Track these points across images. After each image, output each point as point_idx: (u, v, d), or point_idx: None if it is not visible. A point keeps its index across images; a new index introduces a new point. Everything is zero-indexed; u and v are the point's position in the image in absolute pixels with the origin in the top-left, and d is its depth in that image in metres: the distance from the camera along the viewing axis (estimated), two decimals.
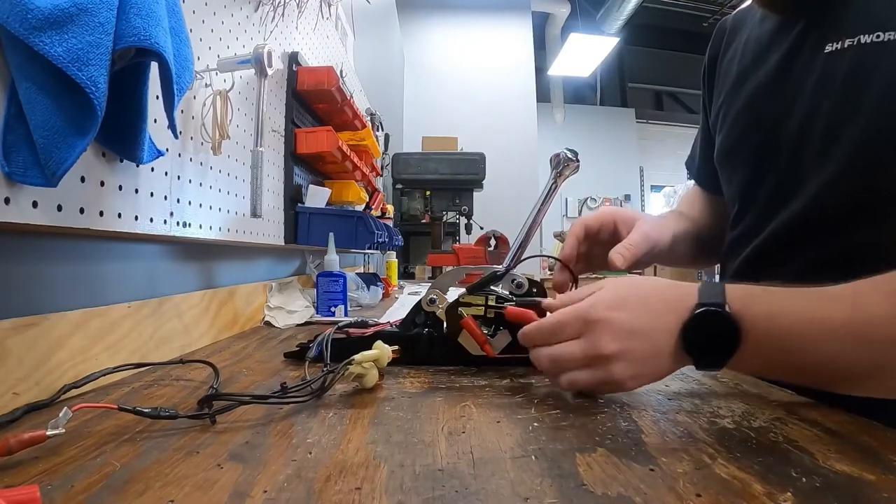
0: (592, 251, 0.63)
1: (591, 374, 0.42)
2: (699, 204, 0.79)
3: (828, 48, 0.52)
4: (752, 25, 0.66)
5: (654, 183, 6.43)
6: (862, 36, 0.49)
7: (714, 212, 0.76)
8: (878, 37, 0.48)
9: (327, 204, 1.20)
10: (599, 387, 0.43)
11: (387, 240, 1.40)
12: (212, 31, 0.74)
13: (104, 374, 0.47)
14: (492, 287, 0.55)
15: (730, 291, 0.40)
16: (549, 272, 4.33)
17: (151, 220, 0.58)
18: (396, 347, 0.51)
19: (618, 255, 0.57)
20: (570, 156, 0.62)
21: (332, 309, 0.97)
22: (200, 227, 0.71)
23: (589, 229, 0.62)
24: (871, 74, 0.48)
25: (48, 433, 0.31)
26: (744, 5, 0.71)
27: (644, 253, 0.60)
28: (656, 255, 0.64)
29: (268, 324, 0.91)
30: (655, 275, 2.78)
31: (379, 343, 0.50)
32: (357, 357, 0.46)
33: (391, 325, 0.59)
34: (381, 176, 2.12)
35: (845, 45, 0.50)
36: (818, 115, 0.53)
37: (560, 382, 0.44)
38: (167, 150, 0.59)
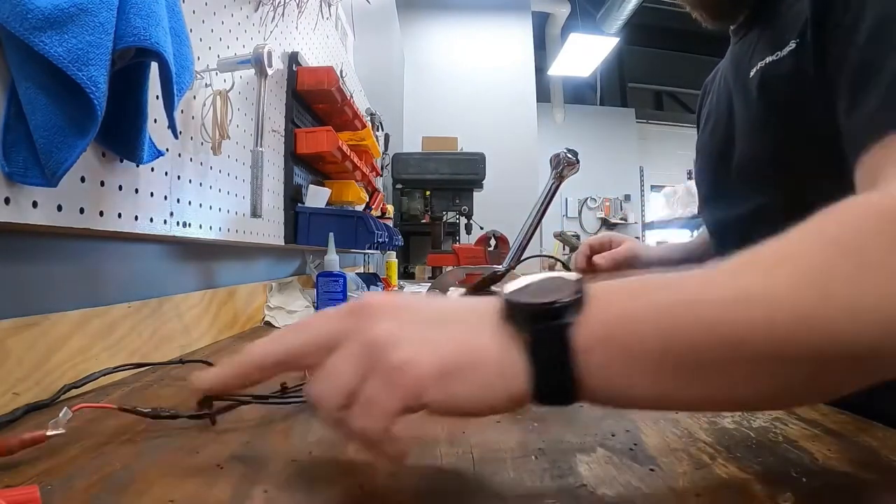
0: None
1: (373, 384, 0.24)
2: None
3: (751, 73, 0.54)
4: (722, 67, 0.70)
5: (654, 183, 6.43)
6: (768, 56, 0.51)
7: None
8: (775, 56, 0.50)
9: (327, 204, 1.20)
10: (390, 395, 0.24)
11: (387, 240, 1.40)
12: (212, 31, 0.74)
13: (104, 374, 0.47)
14: (492, 287, 0.55)
15: None
16: (549, 272, 4.32)
17: (151, 220, 0.58)
18: None
19: (600, 257, 0.68)
20: (570, 156, 0.62)
21: None
22: (200, 227, 0.71)
23: (592, 247, 0.75)
24: (773, 93, 0.51)
25: (48, 433, 0.31)
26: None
27: (624, 258, 0.70)
28: (637, 264, 0.74)
29: (268, 324, 0.91)
30: None
31: None
32: None
33: None
34: (381, 176, 2.11)
35: (758, 68, 0.52)
36: (741, 140, 0.57)
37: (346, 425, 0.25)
38: (167, 150, 0.59)
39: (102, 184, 0.50)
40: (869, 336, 0.22)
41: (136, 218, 0.56)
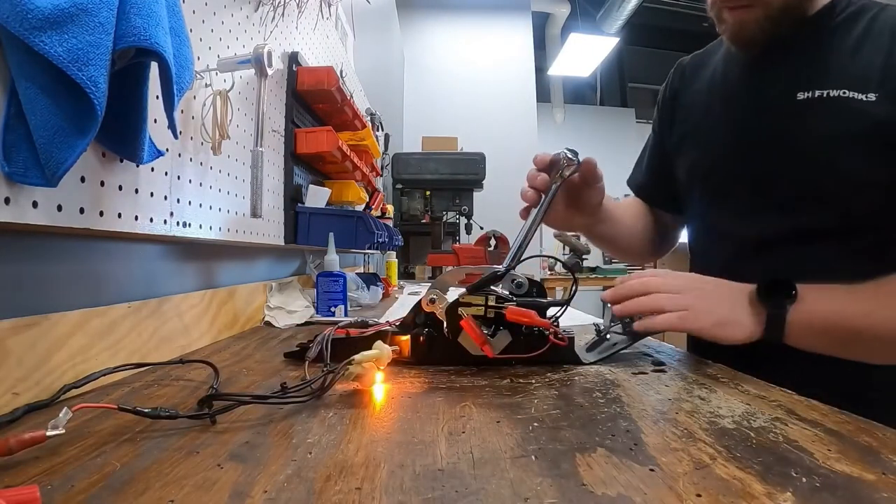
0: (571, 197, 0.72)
1: (678, 297, 0.55)
2: (642, 209, 0.91)
3: (800, 96, 0.61)
4: (716, 64, 0.75)
5: None
6: (831, 90, 0.59)
7: (648, 219, 0.88)
8: (843, 93, 0.58)
9: (327, 204, 1.20)
10: (681, 316, 0.54)
11: (387, 240, 1.40)
12: (212, 31, 0.74)
13: (104, 374, 0.47)
14: (492, 287, 0.55)
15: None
16: (549, 272, 4.33)
17: (151, 220, 0.58)
18: (396, 348, 0.51)
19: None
20: (569, 156, 0.62)
21: (332, 309, 0.97)
22: (200, 227, 0.71)
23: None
24: (835, 124, 0.58)
25: (48, 433, 0.31)
26: (703, 50, 0.82)
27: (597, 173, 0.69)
28: (605, 212, 0.76)
29: (268, 324, 0.91)
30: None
31: (379, 343, 0.50)
32: (357, 357, 0.46)
33: (390, 325, 0.59)
34: (381, 176, 2.11)
35: (815, 96, 0.60)
36: (783, 150, 0.63)
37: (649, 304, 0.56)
38: (167, 150, 0.59)
39: (102, 184, 0.50)
40: None
41: (136, 218, 0.56)
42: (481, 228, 2.73)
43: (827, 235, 0.61)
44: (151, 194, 0.59)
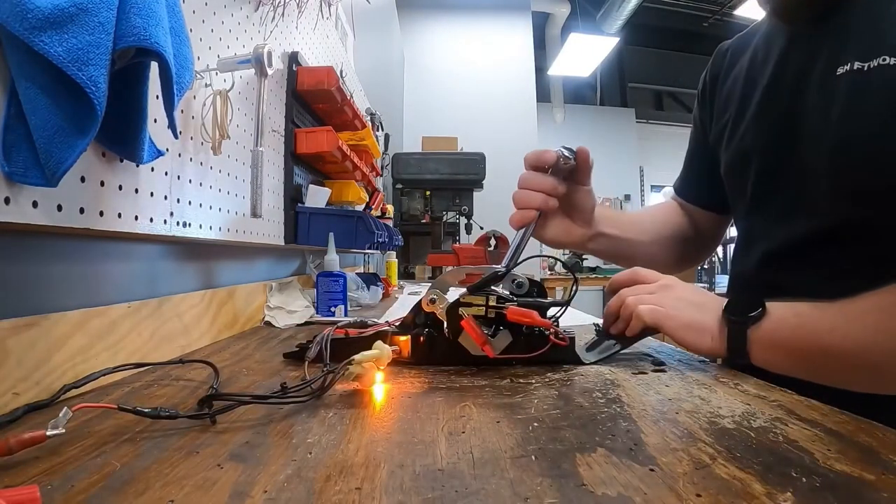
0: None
1: (650, 296, 0.56)
2: (675, 213, 0.84)
3: (840, 70, 0.53)
4: (757, 47, 0.68)
5: (654, 183, 6.43)
6: (873, 61, 0.50)
7: (680, 223, 0.82)
8: (883, 60, 0.50)
9: (327, 204, 1.20)
10: (652, 309, 0.55)
11: (387, 240, 1.40)
12: (212, 31, 0.74)
13: (104, 374, 0.47)
14: (492, 287, 0.55)
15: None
16: (549, 272, 4.33)
17: (151, 220, 0.58)
18: (396, 348, 0.51)
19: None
20: (565, 153, 0.62)
21: (332, 309, 0.97)
22: (200, 227, 0.71)
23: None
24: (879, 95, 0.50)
25: (48, 433, 0.31)
26: (744, 31, 0.74)
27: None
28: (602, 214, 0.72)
29: (268, 324, 0.91)
30: None
31: (379, 343, 0.50)
32: (357, 357, 0.46)
33: (390, 325, 0.59)
34: (381, 176, 2.11)
35: (855, 68, 0.52)
36: (829, 133, 0.55)
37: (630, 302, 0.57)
38: (167, 150, 0.59)
39: (102, 184, 0.50)
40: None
41: (136, 218, 0.56)
42: (481, 228, 2.73)
43: (870, 235, 0.54)
44: (151, 194, 0.59)
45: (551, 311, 0.57)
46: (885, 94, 0.49)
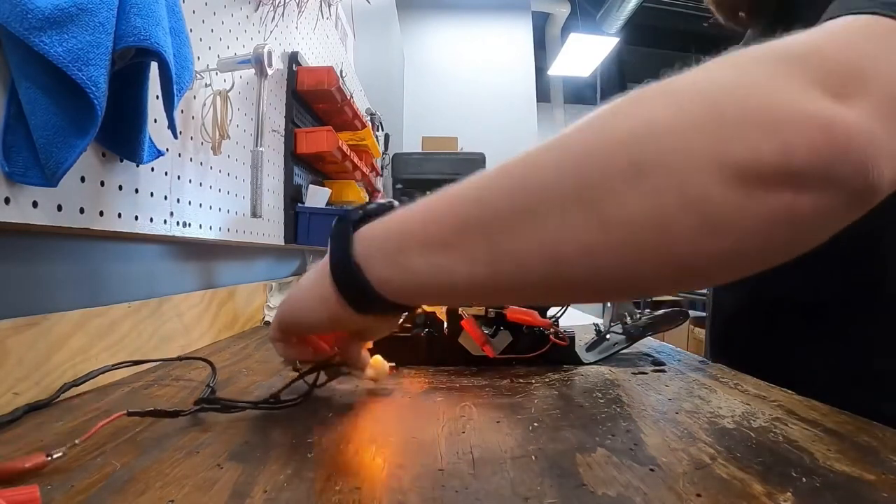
0: None
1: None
2: None
3: None
4: None
5: None
6: None
7: None
8: None
9: (327, 204, 1.20)
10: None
11: None
12: (212, 31, 0.74)
13: (102, 372, 0.47)
14: None
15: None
16: None
17: (151, 220, 0.58)
18: (393, 364, 0.51)
19: None
20: None
21: None
22: (200, 227, 0.71)
23: None
24: None
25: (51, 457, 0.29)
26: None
27: None
28: None
29: (268, 324, 0.91)
30: None
31: (377, 358, 0.49)
32: (360, 384, 0.45)
33: None
34: (381, 176, 2.11)
35: None
36: None
37: None
38: (167, 150, 0.59)
39: (102, 184, 0.50)
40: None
41: (136, 218, 0.56)
42: None
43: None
44: (151, 194, 0.59)
45: (551, 311, 0.57)
46: None
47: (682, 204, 0.22)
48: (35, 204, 0.42)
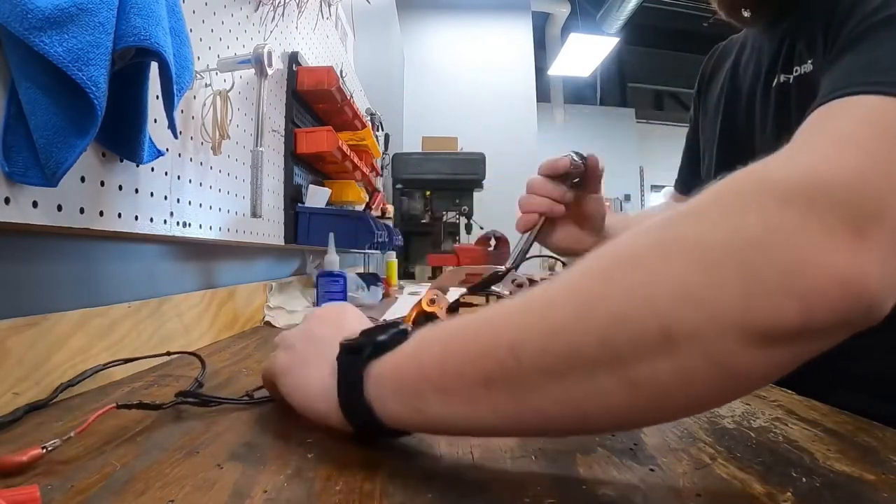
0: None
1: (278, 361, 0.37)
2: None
3: (774, 82, 0.54)
4: (738, 48, 0.68)
5: (654, 183, 6.42)
6: (797, 68, 0.50)
7: None
8: (803, 69, 0.49)
9: (327, 204, 1.20)
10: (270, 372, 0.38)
11: (387, 240, 1.40)
12: (212, 31, 0.74)
13: (95, 371, 0.46)
14: (493, 287, 0.55)
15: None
16: (549, 272, 4.32)
17: (151, 220, 0.58)
18: None
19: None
20: (575, 157, 0.61)
21: None
22: (200, 227, 0.71)
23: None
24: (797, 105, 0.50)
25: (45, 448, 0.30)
26: (739, 33, 0.73)
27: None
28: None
29: (268, 324, 0.91)
30: None
31: None
32: None
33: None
34: (381, 176, 2.12)
35: (781, 80, 0.52)
36: (765, 147, 0.55)
37: None
38: (167, 150, 0.59)
39: (102, 184, 0.50)
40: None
41: (136, 218, 0.56)
42: (481, 228, 2.73)
43: None
44: (151, 194, 0.59)
45: None
46: (803, 104, 0.48)
47: (708, 365, 0.22)
48: (35, 204, 0.42)
